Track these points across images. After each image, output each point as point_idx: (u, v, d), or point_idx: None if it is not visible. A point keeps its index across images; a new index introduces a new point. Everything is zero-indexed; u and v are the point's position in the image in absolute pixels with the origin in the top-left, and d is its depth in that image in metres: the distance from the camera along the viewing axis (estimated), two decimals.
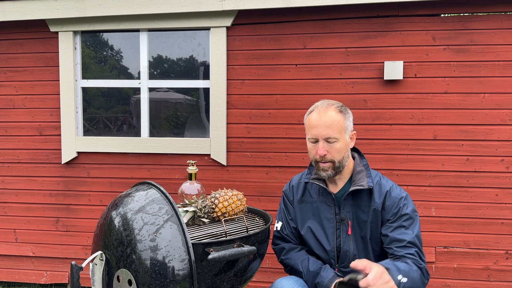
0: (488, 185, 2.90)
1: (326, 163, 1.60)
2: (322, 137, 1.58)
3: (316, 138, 1.60)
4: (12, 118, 3.40)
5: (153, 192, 1.39)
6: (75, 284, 1.28)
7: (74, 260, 2.81)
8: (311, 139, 1.63)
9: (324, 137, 1.58)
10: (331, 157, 1.59)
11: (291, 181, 1.87)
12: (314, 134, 1.61)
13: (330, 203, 1.69)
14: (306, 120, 1.69)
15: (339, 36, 3.00)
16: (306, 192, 1.77)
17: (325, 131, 1.57)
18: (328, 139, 1.57)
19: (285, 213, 1.81)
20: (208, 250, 1.29)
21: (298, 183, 1.82)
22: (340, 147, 1.59)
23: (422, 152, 2.95)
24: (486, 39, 2.85)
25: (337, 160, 1.60)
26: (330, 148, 1.58)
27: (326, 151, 1.58)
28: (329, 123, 1.57)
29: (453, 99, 2.90)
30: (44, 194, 3.39)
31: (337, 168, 1.62)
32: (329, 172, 1.61)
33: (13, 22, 3.28)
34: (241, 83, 3.12)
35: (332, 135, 1.57)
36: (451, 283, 2.98)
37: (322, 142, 1.58)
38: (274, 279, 3.11)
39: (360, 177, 1.66)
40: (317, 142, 1.61)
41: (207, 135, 3.24)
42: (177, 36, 3.25)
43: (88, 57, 3.39)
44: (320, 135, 1.58)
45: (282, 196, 1.88)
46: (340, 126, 1.59)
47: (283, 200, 1.86)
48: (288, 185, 1.87)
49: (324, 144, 1.58)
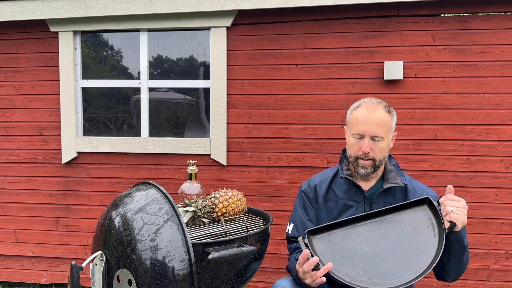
0: (488, 185, 2.90)
1: (368, 160, 1.59)
2: (369, 134, 1.57)
3: (362, 135, 1.59)
4: (12, 118, 3.40)
5: (153, 192, 1.39)
6: (75, 284, 1.28)
7: (74, 260, 2.81)
8: (356, 134, 1.61)
9: (371, 134, 1.57)
10: (374, 155, 1.58)
11: (312, 180, 1.81)
12: (361, 131, 1.59)
13: (358, 200, 1.66)
14: (351, 115, 1.67)
15: (339, 36, 3.00)
16: (330, 191, 1.73)
17: (373, 129, 1.57)
18: (375, 137, 1.57)
19: (302, 214, 1.75)
20: (208, 250, 1.29)
21: (321, 182, 1.77)
22: (383, 146, 1.59)
23: (422, 152, 2.95)
24: (486, 39, 2.85)
25: (378, 159, 1.59)
26: (374, 146, 1.58)
27: (370, 148, 1.58)
28: (379, 121, 1.57)
29: (453, 99, 2.90)
30: (44, 194, 3.39)
31: (377, 167, 1.62)
32: (368, 170, 1.60)
33: (13, 22, 3.28)
34: (241, 83, 3.12)
35: (380, 133, 1.57)
36: (451, 283, 2.98)
37: (368, 139, 1.58)
38: (274, 279, 3.11)
39: (392, 175, 1.67)
40: (361, 139, 1.60)
41: (207, 135, 3.24)
42: (177, 36, 3.25)
43: (88, 57, 3.39)
44: (368, 132, 1.57)
45: (299, 196, 1.81)
46: (388, 126, 1.59)
47: (301, 200, 1.78)
48: (307, 183, 1.81)
49: (370, 141, 1.58)
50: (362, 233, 1.47)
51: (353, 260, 1.44)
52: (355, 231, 1.47)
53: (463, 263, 1.50)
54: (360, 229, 1.47)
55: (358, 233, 1.47)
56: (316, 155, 3.06)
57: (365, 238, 1.46)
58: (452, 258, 1.48)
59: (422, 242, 1.45)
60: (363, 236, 1.46)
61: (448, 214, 1.37)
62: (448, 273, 1.53)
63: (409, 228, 1.47)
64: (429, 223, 1.46)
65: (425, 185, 1.74)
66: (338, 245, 1.46)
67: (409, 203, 1.49)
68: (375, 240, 1.46)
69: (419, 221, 1.47)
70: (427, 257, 1.43)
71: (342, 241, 1.46)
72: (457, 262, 1.49)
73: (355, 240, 1.46)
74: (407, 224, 1.47)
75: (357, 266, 1.43)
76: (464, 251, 1.47)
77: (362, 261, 1.44)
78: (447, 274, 1.54)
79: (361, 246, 1.46)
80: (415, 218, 1.48)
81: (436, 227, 1.45)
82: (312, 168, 3.04)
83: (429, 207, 1.48)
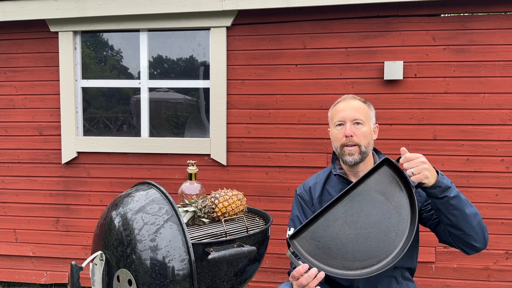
0: (488, 185, 2.90)
1: (353, 146, 1.62)
2: (349, 118, 1.62)
3: (343, 121, 1.64)
4: (12, 118, 3.40)
5: (153, 192, 1.39)
6: (75, 284, 1.28)
7: (74, 260, 2.81)
8: (338, 122, 1.66)
9: (351, 118, 1.62)
10: (357, 140, 1.61)
11: (306, 183, 1.84)
12: (341, 117, 1.64)
13: None
14: (332, 110, 1.74)
15: (339, 36, 3.00)
16: (324, 191, 1.75)
17: (352, 113, 1.62)
18: (355, 120, 1.62)
19: (300, 217, 1.76)
20: (208, 250, 1.29)
21: (315, 183, 1.79)
22: (366, 131, 1.63)
23: (422, 152, 2.92)
24: (486, 39, 2.85)
25: (363, 144, 1.61)
26: (356, 130, 1.62)
27: (353, 132, 1.61)
28: (356, 107, 1.65)
29: (453, 99, 2.90)
30: (44, 194, 3.39)
31: (363, 153, 1.62)
32: (355, 156, 1.62)
33: (13, 22, 3.28)
34: (241, 83, 3.12)
35: (359, 117, 1.62)
36: (451, 283, 2.98)
37: (349, 124, 1.62)
38: (274, 279, 3.11)
39: None
40: (343, 126, 1.64)
41: (207, 135, 3.24)
42: (177, 36, 3.25)
43: (88, 57, 3.39)
44: (347, 117, 1.63)
45: (295, 200, 1.83)
46: (366, 112, 1.65)
47: (297, 204, 1.81)
48: (302, 187, 1.83)
49: (351, 126, 1.62)
50: (339, 217, 1.45)
51: (341, 249, 1.43)
52: (332, 217, 1.45)
53: (472, 216, 1.44)
54: (336, 213, 1.45)
55: (335, 218, 1.45)
56: (316, 155, 3.06)
57: (343, 221, 1.45)
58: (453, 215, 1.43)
59: (395, 205, 1.44)
60: (341, 219, 1.45)
61: (411, 177, 1.38)
62: (466, 232, 1.44)
63: (378, 195, 1.45)
64: (395, 183, 1.45)
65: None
66: (322, 238, 1.45)
67: (371, 170, 1.47)
68: (352, 220, 1.45)
69: (385, 184, 1.46)
70: (405, 217, 1.42)
71: (324, 232, 1.45)
72: (463, 217, 1.43)
73: (335, 226, 1.45)
74: (375, 192, 1.46)
75: (346, 253, 1.43)
76: (459, 202, 1.42)
77: (349, 245, 1.43)
78: (467, 235, 1.45)
79: (343, 231, 1.44)
80: (380, 182, 1.46)
81: (401, 184, 1.44)
82: (312, 168, 3.03)
83: (389, 167, 1.47)
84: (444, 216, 1.45)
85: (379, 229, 1.43)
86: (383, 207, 1.44)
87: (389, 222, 1.43)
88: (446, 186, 1.40)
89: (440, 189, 1.39)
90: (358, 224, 1.44)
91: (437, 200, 1.42)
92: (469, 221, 1.44)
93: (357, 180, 1.47)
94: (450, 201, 1.40)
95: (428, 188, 1.40)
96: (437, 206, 1.44)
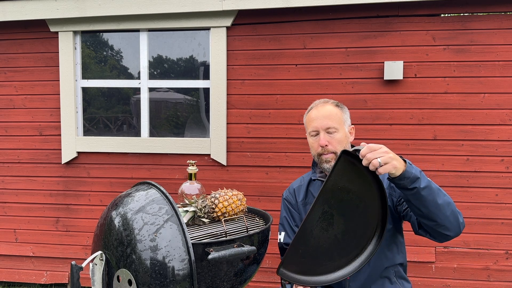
0: (488, 185, 2.90)
1: (329, 154, 1.62)
2: (322, 127, 1.62)
3: (317, 130, 1.64)
4: (12, 118, 3.40)
5: (153, 192, 1.38)
6: (75, 284, 1.28)
7: (74, 260, 2.81)
8: (312, 132, 1.66)
9: (324, 127, 1.61)
10: (333, 148, 1.61)
11: (290, 186, 1.86)
12: (314, 127, 1.64)
13: None
14: (305, 118, 1.73)
15: (339, 36, 3.00)
16: (308, 194, 1.76)
17: (324, 122, 1.62)
18: (328, 129, 1.61)
19: (289, 221, 1.78)
20: (208, 250, 1.29)
21: (299, 186, 1.81)
22: (340, 137, 1.62)
23: (422, 152, 2.95)
24: (486, 39, 2.85)
25: (339, 150, 1.60)
26: (331, 138, 1.61)
27: (327, 141, 1.61)
28: (327, 114, 1.63)
29: (453, 99, 2.90)
30: (44, 194, 3.39)
31: None
32: (332, 163, 1.61)
33: (13, 22, 3.28)
34: (241, 83, 3.12)
35: (332, 125, 1.61)
36: (451, 283, 2.98)
37: (323, 133, 1.62)
38: (274, 279, 3.11)
39: None
40: (318, 135, 1.64)
41: (207, 135, 3.24)
42: (177, 36, 3.25)
43: (88, 57, 3.39)
44: (320, 126, 1.62)
45: (283, 204, 1.84)
46: (339, 117, 1.64)
47: (285, 208, 1.83)
48: (287, 191, 1.85)
49: (325, 135, 1.61)
50: (314, 225, 1.41)
51: (325, 253, 1.42)
52: (308, 229, 1.41)
53: (445, 206, 1.34)
54: (310, 223, 1.41)
55: (311, 229, 1.41)
56: None
57: (319, 228, 1.41)
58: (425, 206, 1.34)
59: (363, 193, 1.38)
60: (317, 227, 1.41)
61: (377, 169, 1.27)
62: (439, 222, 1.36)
63: (344, 190, 1.38)
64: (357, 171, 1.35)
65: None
66: (306, 252, 1.42)
67: (332, 169, 1.36)
68: (328, 223, 1.41)
69: (348, 176, 1.37)
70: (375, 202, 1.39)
71: (306, 246, 1.42)
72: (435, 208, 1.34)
73: (313, 236, 1.41)
74: (340, 188, 1.38)
75: (332, 254, 1.42)
76: (431, 192, 1.32)
77: (332, 248, 1.42)
78: (439, 225, 1.37)
79: (322, 237, 1.41)
80: (343, 176, 1.37)
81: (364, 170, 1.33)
82: None
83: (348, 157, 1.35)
84: (416, 208, 1.36)
85: (354, 221, 1.41)
86: (351, 200, 1.39)
87: (362, 212, 1.40)
88: (415, 177, 1.30)
89: (409, 179, 1.29)
90: (334, 225, 1.41)
91: (407, 191, 1.32)
92: (442, 211, 1.34)
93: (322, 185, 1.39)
94: (421, 192, 1.30)
95: (396, 179, 1.30)
96: (407, 197, 1.35)
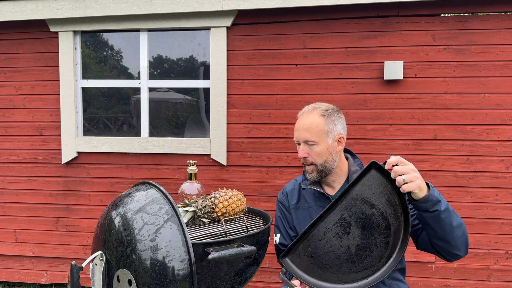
0: (488, 185, 2.90)
1: (309, 165, 1.61)
2: (301, 139, 1.61)
3: (298, 141, 1.63)
4: (12, 118, 3.40)
5: (153, 192, 1.39)
6: (75, 284, 1.28)
7: (74, 260, 2.81)
8: (296, 141, 1.66)
9: (302, 139, 1.60)
10: (312, 160, 1.59)
11: (284, 188, 1.84)
12: (296, 137, 1.63)
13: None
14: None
15: (339, 36, 3.00)
16: (301, 198, 1.75)
17: (303, 134, 1.59)
18: (307, 141, 1.59)
19: (283, 223, 1.78)
20: (208, 250, 1.29)
21: (292, 189, 1.79)
22: (320, 150, 1.58)
23: (422, 152, 2.95)
24: (486, 39, 2.85)
25: (318, 163, 1.59)
26: (310, 151, 1.59)
27: (307, 153, 1.59)
28: (307, 126, 1.59)
29: (453, 99, 2.90)
30: (44, 194, 3.39)
31: (321, 172, 1.60)
32: (313, 175, 1.61)
33: (13, 22, 3.28)
34: (241, 83, 3.12)
35: (310, 138, 1.58)
36: (451, 283, 2.98)
37: (303, 144, 1.61)
38: (274, 279, 3.12)
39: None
40: (299, 145, 1.63)
41: (207, 135, 3.24)
42: (177, 36, 3.25)
43: (88, 57, 3.39)
44: (300, 138, 1.61)
45: (277, 206, 1.83)
46: (320, 130, 1.58)
47: (279, 210, 1.82)
48: (281, 193, 1.84)
49: (305, 146, 1.60)
50: (330, 229, 1.39)
51: (335, 262, 1.40)
52: (323, 230, 1.40)
53: (458, 227, 1.37)
54: (326, 225, 1.40)
55: (325, 230, 1.40)
56: None
57: (334, 233, 1.39)
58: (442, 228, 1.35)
59: (386, 212, 1.35)
60: (332, 231, 1.39)
61: (401, 186, 1.28)
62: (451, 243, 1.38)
63: (367, 202, 1.36)
64: (383, 187, 1.35)
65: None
66: (315, 253, 1.41)
67: (358, 177, 1.36)
68: (344, 230, 1.39)
69: (373, 190, 1.36)
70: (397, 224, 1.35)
71: (316, 247, 1.41)
72: (450, 229, 1.35)
73: (327, 239, 1.40)
74: (364, 199, 1.37)
75: (341, 265, 1.39)
76: (449, 215, 1.34)
77: (342, 258, 1.39)
78: (451, 246, 1.39)
79: (335, 243, 1.39)
80: (368, 189, 1.36)
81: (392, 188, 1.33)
82: None
83: (377, 170, 1.35)
84: (432, 229, 1.37)
85: (372, 238, 1.37)
86: (374, 214, 1.36)
87: (382, 229, 1.36)
88: (437, 200, 1.31)
89: (431, 202, 1.30)
90: (350, 235, 1.39)
91: (427, 213, 1.33)
92: (455, 233, 1.37)
93: (346, 188, 1.39)
94: (441, 215, 1.32)
95: (419, 202, 1.30)
96: (426, 220, 1.35)
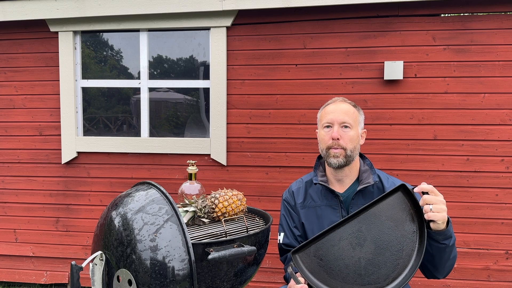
0: (488, 185, 2.90)
1: (338, 149, 1.60)
2: (338, 121, 1.61)
3: (332, 123, 1.62)
4: (12, 118, 3.40)
5: (153, 192, 1.39)
6: (75, 284, 1.28)
7: (74, 260, 2.81)
8: (326, 123, 1.64)
9: (340, 121, 1.61)
10: (344, 143, 1.60)
11: (290, 187, 1.85)
12: (330, 119, 1.63)
13: (335, 206, 1.66)
14: (321, 111, 1.72)
15: (339, 36, 3.00)
16: (307, 197, 1.75)
17: (341, 116, 1.61)
18: (344, 123, 1.61)
19: (288, 222, 1.77)
20: (208, 250, 1.29)
21: (298, 188, 1.80)
22: (353, 135, 1.61)
23: (422, 152, 2.95)
24: (486, 39, 2.85)
25: (349, 148, 1.60)
26: (343, 134, 1.61)
27: (340, 135, 1.60)
28: (346, 110, 1.63)
29: (453, 99, 2.90)
30: (44, 194, 3.39)
31: (349, 157, 1.61)
32: (340, 159, 1.60)
33: (13, 22, 3.28)
34: (241, 83, 3.12)
35: (348, 120, 1.61)
36: (451, 283, 2.98)
37: (337, 126, 1.61)
38: (274, 279, 3.12)
39: (366, 176, 1.67)
40: (331, 128, 1.63)
41: (207, 135, 3.24)
42: (177, 36, 3.25)
43: (88, 57, 3.39)
44: (336, 119, 1.61)
45: (282, 205, 1.84)
46: (355, 116, 1.64)
47: (284, 209, 1.82)
48: (287, 192, 1.84)
49: (339, 129, 1.61)
50: (345, 237, 1.41)
51: (342, 270, 1.40)
52: (338, 236, 1.42)
53: (452, 259, 1.47)
54: (342, 233, 1.42)
55: (340, 237, 1.42)
56: (316, 155, 3.05)
57: (348, 242, 1.41)
58: (440, 258, 1.44)
59: (404, 234, 1.39)
60: (346, 240, 1.41)
61: (427, 213, 1.34)
62: (439, 270, 1.49)
63: (388, 221, 1.40)
64: (407, 211, 1.40)
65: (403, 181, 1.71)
66: (325, 257, 1.42)
67: (385, 195, 1.41)
68: (358, 242, 1.41)
69: (396, 210, 1.40)
70: (411, 248, 1.39)
71: (328, 251, 1.42)
72: (446, 260, 1.45)
73: (340, 246, 1.41)
74: (386, 217, 1.40)
75: (347, 275, 1.40)
76: (453, 249, 1.44)
77: (351, 268, 1.40)
78: (438, 271, 1.50)
79: (347, 252, 1.41)
80: (392, 208, 1.40)
81: (414, 214, 1.40)
82: (312, 168, 3.03)
83: (404, 193, 1.41)
84: (430, 255, 1.44)
85: (384, 256, 1.39)
86: (391, 234, 1.39)
87: (395, 250, 1.39)
88: (450, 235, 1.39)
89: (444, 236, 1.37)
90: (363, 248, 1.40)
91: (436, 243, 1.39)
92: (448, 263, 1.46)
93: (370, 203, 1.42)
94: (446, 248, 1.40)
95: (435, 233, 1.37)
96: (430, 247, 1.41)
